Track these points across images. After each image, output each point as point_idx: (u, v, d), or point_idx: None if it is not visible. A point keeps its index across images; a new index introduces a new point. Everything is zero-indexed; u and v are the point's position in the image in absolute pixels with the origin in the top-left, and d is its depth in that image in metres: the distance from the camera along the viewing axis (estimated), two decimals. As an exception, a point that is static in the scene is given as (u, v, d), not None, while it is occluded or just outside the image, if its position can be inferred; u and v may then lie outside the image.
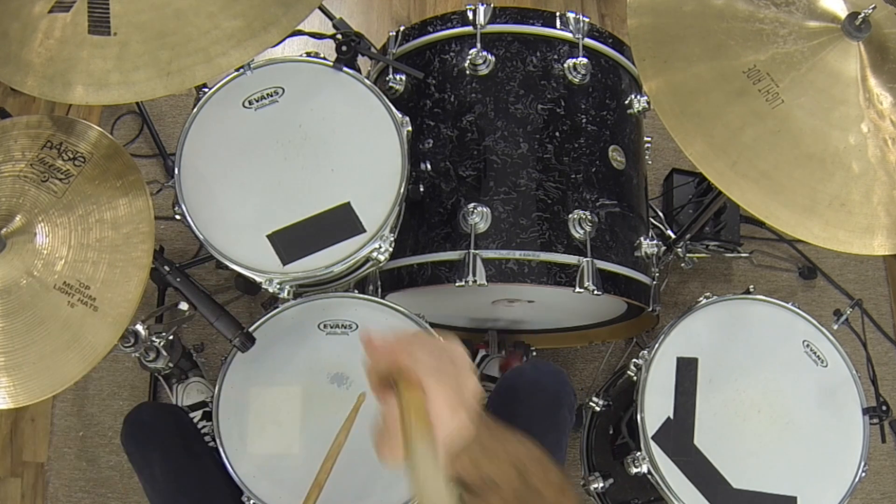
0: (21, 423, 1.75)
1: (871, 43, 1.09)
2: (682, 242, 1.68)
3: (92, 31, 1.03)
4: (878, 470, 1.84)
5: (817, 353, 1.27)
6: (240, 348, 1.16)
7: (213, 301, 1.17)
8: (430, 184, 1.33)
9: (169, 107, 2.00)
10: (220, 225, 1.20)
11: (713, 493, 1.17)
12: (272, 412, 1.17)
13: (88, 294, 0.99)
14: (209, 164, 1.24)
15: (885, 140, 1.07)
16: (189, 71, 1.02)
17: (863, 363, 1.31)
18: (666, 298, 1.90)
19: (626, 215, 1.36)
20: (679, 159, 1.98)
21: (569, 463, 1.78)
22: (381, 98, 1.27)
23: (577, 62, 1.37)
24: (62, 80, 1.02)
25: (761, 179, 1.04)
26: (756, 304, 1.31)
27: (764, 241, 1.99)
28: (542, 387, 1.17)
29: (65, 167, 1.07)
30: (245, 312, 1.82)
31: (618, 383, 1.55)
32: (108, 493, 1.70)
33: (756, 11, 1.11)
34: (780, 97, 1.07)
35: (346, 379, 1.19)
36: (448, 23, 1.41)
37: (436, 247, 1.29)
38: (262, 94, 1.27)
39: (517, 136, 1.32)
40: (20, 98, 1.96)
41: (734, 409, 1.23)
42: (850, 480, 1.20)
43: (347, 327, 1.23)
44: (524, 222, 1.27)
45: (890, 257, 2.00)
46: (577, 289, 1.24)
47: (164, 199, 1.87)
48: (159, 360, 1.44)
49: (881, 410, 1.23)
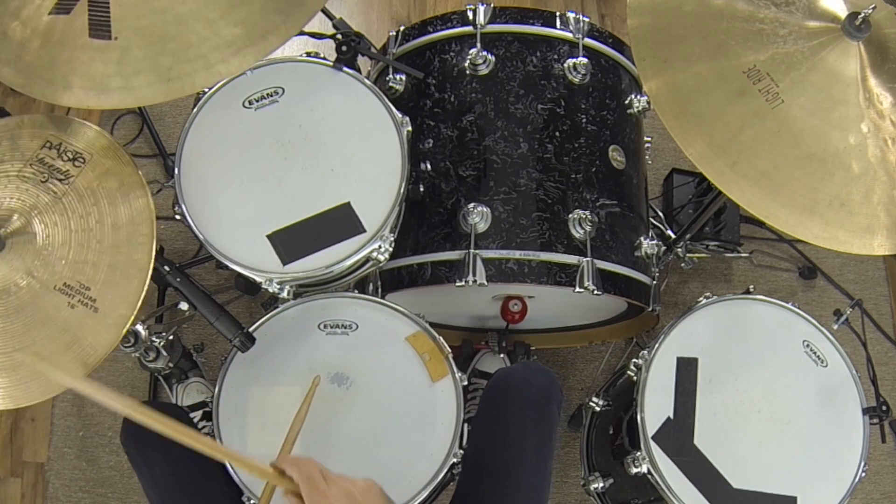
0: (21, 423, 1.75)
1: (871, 43, 1.09)
2: (682, 242, 1.68)
3: (92, 34, 1.03)
4: (878, 470, 1.84)
5: (817, 353, 1.27)
6: (240, 348, 1.16)
7: (213, 301, 1.17)
8: (430, 184, 1.33)
9: (169, 107, 2.00)
10: (220, 225, 1.20)
11: (713, 493, 1.17)
12: (272, 412, 1.17)
13: (89, 295, 0.99)
14: (209, 164, 1.24)
15: (885, 140, 1.07)
16: (189, 77, 1.02)
17: (863, 363, 1.31)
18: (666, 298, 1.90)
19: (626, 215, 1.37)
20: (679, 159, 1.98)
21: (569, 463, 1.78)
22: (381, 98, 1.27)
23: (577, 62, 1.38)
24: (63, 82, 1.02)
25: (761, 179, 1.04)
26: (756, 304, 1.31)
27: (764, 241, 1.99)
28: (531, 384, 1.18)
29: (65, 167, 1.07)
30: (245, 312, 1.82)
31: (618, 383, 1.55)
32: (108, 493, 1.70)
33: (756, 11, 1.11)
34: (780, 97, 1.07)
35: (346, 379, 1.19)
36: (448, 23, 1.41)
37: (436, 247, 1.29)
38: (262, 94, 1.27)
39: (517, 135, 1.32)
40: (20, 98, 1.96)
41: (734, 409, 1.23)
42: (850, 480, 1.20)
43: (347, 327, 1.23)
44: (524, 222, 1.27)
45: (890, 257, 2.00)
46: (577, 289, 1.24)
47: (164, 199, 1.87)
48: (159, 360, 1.44)
49: (881, 410, 1.23)
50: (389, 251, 1.22)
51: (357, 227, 1.20)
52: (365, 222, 1.21)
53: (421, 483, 1.13)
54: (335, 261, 1.19)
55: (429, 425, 1.17)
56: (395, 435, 1.17)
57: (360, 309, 1.25)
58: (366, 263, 1.26)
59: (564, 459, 1.78)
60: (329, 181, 1.23)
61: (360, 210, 1.21)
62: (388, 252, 1.21)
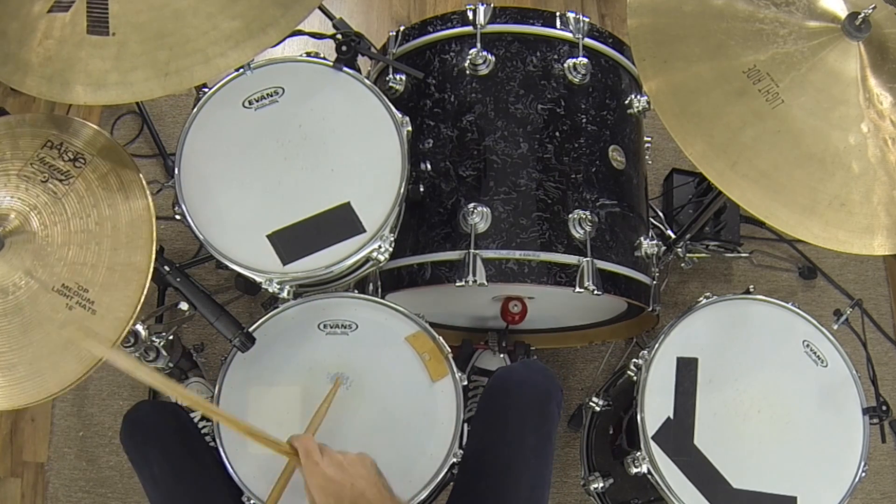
0: (21, 423, 1.75)
1: (871, 43, 1.09)
2: (682, 242, 1.68)
3: (91, 31, 1.03)
4: (878, 470, 1.84)
5: (817, 353, 1.27)
6: (240, 348, 1.16)
7: (213, 301, 1.17)
8: (430, 184, 1.33)
9: (169, 107, 2.00)
10: (220, 225, 1.20)
11: (713, 493, 1.17)
12: (272, 412, 1.17)
13: (87, 297, 0.99)
14: (209, 164, 1.24)
15: (885, 140, 1.07)
16: (187, 72, 1.02)
17: (863, 363, 1.31)
18: (666, 298, 1.90)
19: (626, 215, 1.36)
20: (679, 159, 1.98)
21: (569, 463, 1.78)
22: (381, 98, 1.27)
23: (577, 62, 1.37)
24: (60, 79, 1.02)
25: (761, 179, 1.04)
26: (756, 304, 1.31)
27: (764, 241, 1.99)
28: (531, 383, 1.18)
29: (65, 167, 1.07)
30: (245, 312, 1.82)
31: (618, 383, 1.55)
32: (108, 493, 1.70)
33: (756, 11, 1.11)
34: (780, 97, 1.07)
35: (346, 379, 1.19)
36: (448, 23, 1.41)
37: (436, 247, 1.29)
38: (262, 94, 1.27)
39: (517, 136, 1.32)
40: (20, 98, 1.96)
41: (734, 409, 1.23)
42: (850, 480, 1.20)
43: (347, 327, 1.23)
44: (524, 222, 1.27)
45: (890, 257, 2.00)
46: (577, 289, 1.24)
47: (164, 199, 1.87)
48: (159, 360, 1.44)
49: (881, 410, 1.23)
50: (389, 251, 1.22)
51: (357, 227, 1.20)
52: (365, 222, 1.20)
53: (421, 483, 1.13)
54: (335, 261, 1.19)
55: (429, 425, 1.17)
56: (395, 435, 1.17)
57: (360, 309, 1.25)
58: (366, 263, 1.26)
59: (564, 459, 1.78)
60: (329, 181, 1.23)
61: (360, 210, 1.21)
62: (388, 252, 1.21)
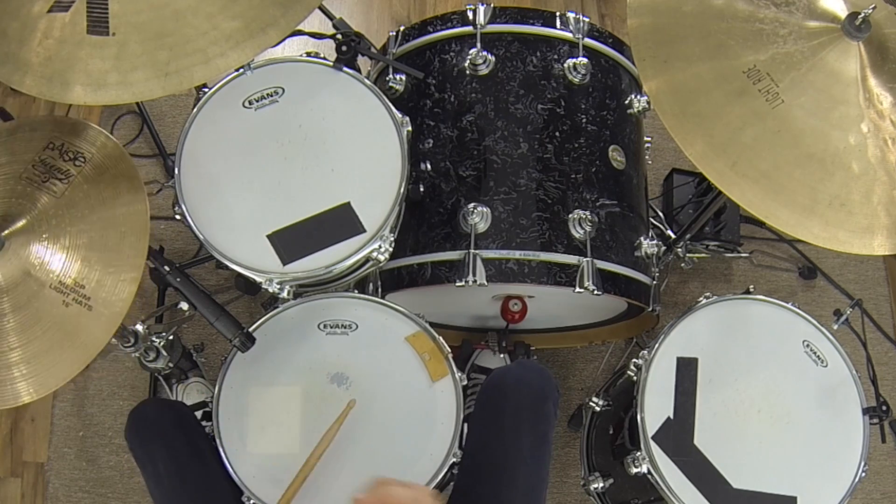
0: (21, 423, 1.75)
1: (871, 43, 1.09)
2: (682, 242, 1.68)
3: (91, 30, 1.03)
4: (878, 470, 1.84)
5: (817, 353, 1.27)
6: (240, 348, 1.16)
7: (213, 301, 1.17)
8: (430, 184, 1.33)
9: (169, 107, 2.00)
10: (220, 225, 1.20)
11: (713, 493, 1.17)
12: (272, 412, 1.17)
13: (83, 293, 0.99)
14: (209, 164, 1.24)
15: (885, 140, 1.07)
16: (187, 72, 1.02)
17: (863, 363, 1.31)
18: (666, 298, 1.90)
19: (626, 215, 1.36)
20: (679, 159, 1.98)
21: (569, 463, 1.78)
22: (381, 98, 1.27)
23: (577, 62, 1.37)
24: (60, 79, 1.02)
25: (761, 179, 1.04)
26: (756, 304, 1.31)
27: (764, 241, 1.99)
28: (527, 383, 1.18)
29: (65, 167, 1.07)
30: (245, 312, 1.82)
31: (618, 383, 1.54)
32: (108, 493, 1.70)
33: (756, 11, 1.11)
34: (780, 97, 1.06)
35: (346, 379, 1.19)
36: (448, 23, 1.41)
37: (436, 247, 1.29)
38: (262, 94, 1.27)
39: (517, 136, 1.32)
40: (20, 98, 1.96)
41: (734, 409, 1.23)
42: (850, 480, 1.20)
43: (347, 327, 1.23)
44: (524, 222, 1.27)
45: (890, 257, 2.00)
46: (577, 289, 1.24)
47: (164, 199, 1.87)
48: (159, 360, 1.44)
49: (881, 410, 1.23)
50: (389, 251, 1.22)
51: (357, 227, 1.20)
52: (365, 222, 1.21)
53: (421, 483, 1.13)
54: (335, 261, 1.19)
55: (428, 425, 1.17)
56: (395, 435, 1.17)
57: (360, 309, 1.25)
58: (366, 263, 1.26)
59: (564, 459, 1.78)
60: (329, 181, 1.23)
61: (360, 210, 1.21)
62: (388, 252, 1.21)
